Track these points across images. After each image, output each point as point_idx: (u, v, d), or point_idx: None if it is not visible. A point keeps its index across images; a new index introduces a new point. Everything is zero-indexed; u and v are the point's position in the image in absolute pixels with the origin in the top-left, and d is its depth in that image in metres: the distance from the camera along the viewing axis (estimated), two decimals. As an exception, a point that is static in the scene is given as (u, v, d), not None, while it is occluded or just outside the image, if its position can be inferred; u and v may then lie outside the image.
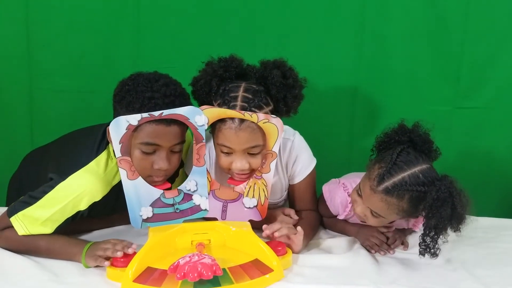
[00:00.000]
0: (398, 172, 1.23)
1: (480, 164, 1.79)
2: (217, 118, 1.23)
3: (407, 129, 1.31)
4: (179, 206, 1.26)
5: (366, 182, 1.26)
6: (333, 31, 1.70)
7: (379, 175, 1.23)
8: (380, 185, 1.22)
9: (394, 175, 1.22)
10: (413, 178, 1.22)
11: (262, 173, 1.28)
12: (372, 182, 1.24)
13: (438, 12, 1.67)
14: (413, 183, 1.21)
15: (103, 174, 1.24)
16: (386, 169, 1.23)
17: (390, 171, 1.22)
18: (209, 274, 1.06)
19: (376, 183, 1.23)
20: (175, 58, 1.70)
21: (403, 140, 1.29)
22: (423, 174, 1.23)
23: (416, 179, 1.22)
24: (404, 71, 1.73)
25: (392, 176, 1.22)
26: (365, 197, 1.27)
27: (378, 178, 1.23)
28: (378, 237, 1.34)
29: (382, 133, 1.34)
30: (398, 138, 1.30)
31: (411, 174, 1.22)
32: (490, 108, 1.74)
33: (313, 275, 1.18)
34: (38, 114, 1.76)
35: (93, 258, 1.16)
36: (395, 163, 1.24)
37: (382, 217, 1.27)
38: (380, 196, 1.23)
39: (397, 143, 1.29)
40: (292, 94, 1.27)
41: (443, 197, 1.18)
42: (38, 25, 1.69)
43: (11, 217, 1.21)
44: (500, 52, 1.70)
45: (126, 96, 1.18)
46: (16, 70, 1.72)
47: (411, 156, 1.25)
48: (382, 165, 1.25)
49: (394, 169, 1.23)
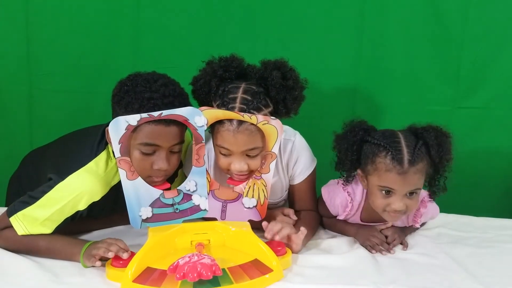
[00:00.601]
0: (401, 143, 1.25)
1: (479, 164, 1.80)
2: (216, 119, 1.23)
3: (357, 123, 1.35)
4: (179, 206, 1.26)
5: (388, 175, 1.25)
6: (333, 31, 1.71)
7: (393, 159, 1.24)
8: (402, 164, 1.23)
9: (401, 149, 1.24)
10: (410, 136, 1.27)
11: (262, 173, 1.28)
12: (395, 167, 1.24)
13: (437, 13, 1.68)
14: (414, 139, 1.27)
15: (103, 174, 1.24)
16: (391, 151, 1.24)
17: (396, 148, 1.25)
18: (208, 274, 1.06)
19: (398, 164, 1.24)
20: (174, 58, 1.70)
21: (362, 129, 1.33)
22: (413, 129, 1.29)
23: (413, 135, 1.28)
24: (404, 72, 1.73)
25: (401, 152, 1.24)
26: (399, 186, 1.26)
27: (394, 161, 1.24)
28: (378, 236, 1.34)
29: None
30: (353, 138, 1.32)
31: (406, 135, 1.27)
32: (489, 108, 1.75)
33: (313, 275, 1.18)
34: (38, 114, 1.76)
35: (88, 258, 1.16)
36: (388, 143, 1.26)
37: (419, 189, 1.29)
38: (412, 170, 1.24)
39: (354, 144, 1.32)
40: (292, 95, 1.27)
41: (440, 134, 1.28)
42: (38, 26, 1.70)
43: (10, 217, 1.21)
44: (499, 53, 1.70)
45: (125, 96, 1.17)
46: (16, 70, 1.73)
47: (389, 131, 1.30)
48: (383, 153, 1.25)
49: (394, 145, 1.25)
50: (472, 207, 1.68)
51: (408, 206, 1.27)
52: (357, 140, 1.30)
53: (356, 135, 1.31)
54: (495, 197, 1.82)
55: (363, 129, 1.32)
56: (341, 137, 1.34)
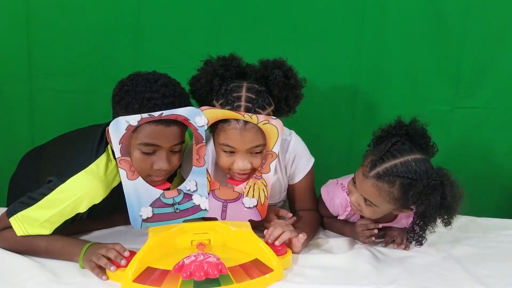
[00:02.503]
0: (391, 159, 1.24)
1: (480, 164, 1.80)
2: (216, 119, 1.23)
3: (404, 124, 1.32)
4: (179, 206, 1.26)
5: (360, 169, 1.28)
6: (334, 31, 1.71)
7: (372, 161, 1.25)
8: (372, 171, 1.24)
9: (386, 161, 1.24)
10: (405, 165, 1.23)
11: (262, 173, 1.28)
12: (365, 168, 1.25)
13: (438, 12, 1.68)
14: (404, 170, 1.22)
15: (103, 177, 1.23)
16: (379, 155, 1.24)
17: (383, 158, 1.24)
18: (215, 273, 1.06)
19: (369, 169, 1.24)
20: (175, 57, 1.70)
21: (400, 134, 1.31)
22: (416, 163, 1.23)
23: (408, 167, 1.23)
24: (404, 71, 1.73)
25: (384, 162, 1.23)
26: (358, 184, 1.28)
27: (370, 164, 1.25)
28: (363, 223, 1.34)
29: (379, 128, 1.35)
30: (395, 132, 1.31)
31: (403, 161, 1.23)
32: (490, 108, 1.75)
33: (313, 275, 1.18)
34: (39, 114, 1.75)
35: (90, 264, 1.15)
36: (388, 150, 1.25)
37: (375, 205, 1.27)
38: (371, 181, 1.24)
39: (394, 137, 1.30)
40: (294, 94, 1.28)
41: (434, 184, 1.20)
42: (39, 26, 1.69)
43: (10, 218, 1.21)
44: (500, 52, 1.71)
45: (125, 96, 1.17)
46: (17, 70, 1.72)
47: (405, 146, 1.27)
48: (375, 153, 1.26)
49: (386, 156, 1.24)
50: (472, 207, 1.67)
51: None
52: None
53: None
54: (495, 197, 1.82)
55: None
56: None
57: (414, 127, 1.31)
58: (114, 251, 1.15)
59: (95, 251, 1.16)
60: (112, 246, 1.16)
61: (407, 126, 1.31)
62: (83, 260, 1.17)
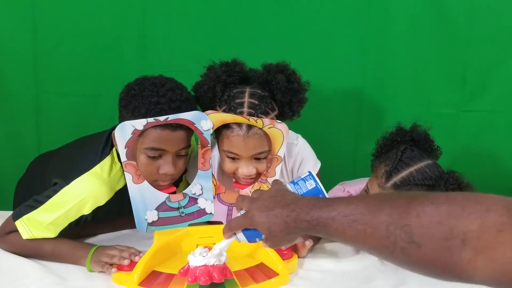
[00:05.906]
0: (405, 167, 1.23)
1: (485, 167, 1.78)
2: (222, 123, 1.23)
3: (407, 130, 1.31)
4: (184, 210, 1.26)
5: (374, 181, 1.26)
6: (338, 34, 1.70)
7: (386, 172, 1.23)
8: (388, 182, 1.22)
9: (401, 170, 1.22)
10: (420, 172, 1.22)
11: (268, 177, 1.28)
12: (380, 179, 1.23)
13: (443, 15, 1.67)
14: (420, 177, 1.22)
15: (107, 179, 1.24)
16: (392, 165, 1.23)
17: (397, 167, 1.23)
18: (220, 277, 1.06)
19: (384, 180, 1.22)
20: (181, 61, 1.70)
21: (405, 141, 1.30)
22: (430, 169, 1.23)
23: (423, 174, 1.22)
24: (410, 75, 1.73)
25: (399, 172, 1.22)
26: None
27: (385, 175, 1.23)
28: None
29: (382, 137, 1.34)
30: (400, 139, 1.30)
31: (418, 168, 1.22)
32: (495, 111, 1.74)
33: (319, 279, 1.18)
34: (45, 118, 1.76)
35: (99, 264, 1.16)
36: (400, 159, 1.24)
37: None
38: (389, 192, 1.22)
39: (399, 144, 1.30)
40: (298, 98, 1.27)
41: (452, 189, 1.18)
42: (45, 29, 1.70)
43: (15, 221, 1.22)
44: (505, 55, 1.70)
45: (132, 101, 1.18)
46: (23, 74, 1.73)
47: (415, 153, 1.26)
48: (388, 163, 1.25)
49: (400, 165, 1.23)
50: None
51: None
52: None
53: None
54: (501, 200, 1.81)
55: None
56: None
57: (417, 132, 1.30)
58: (126, 250, 1.17)
59: (104, 251, 1.18)
60: (126, 248, 1.18)
61: (411, 132, 1.31)
62: (90, 262, 1.17)
